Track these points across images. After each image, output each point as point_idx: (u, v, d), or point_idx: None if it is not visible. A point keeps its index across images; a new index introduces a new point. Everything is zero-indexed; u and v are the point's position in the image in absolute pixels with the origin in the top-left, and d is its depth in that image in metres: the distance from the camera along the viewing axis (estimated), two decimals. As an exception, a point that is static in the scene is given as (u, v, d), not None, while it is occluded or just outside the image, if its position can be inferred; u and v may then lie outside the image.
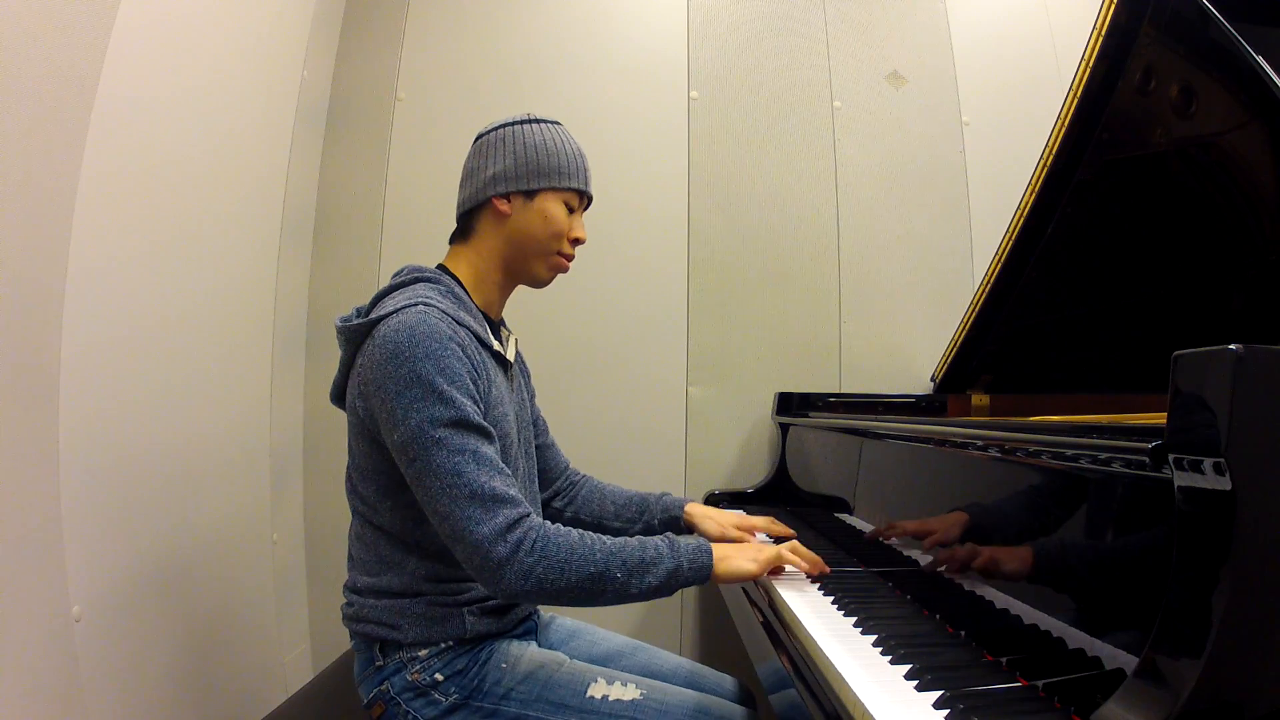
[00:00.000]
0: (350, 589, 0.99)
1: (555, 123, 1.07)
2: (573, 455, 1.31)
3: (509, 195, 1.02)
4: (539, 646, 1.05)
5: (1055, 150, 1.23)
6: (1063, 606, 0.71)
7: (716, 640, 1.95)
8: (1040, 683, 0.67)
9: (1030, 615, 0.74)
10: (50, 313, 1.01)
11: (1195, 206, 1.17)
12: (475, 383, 0.92)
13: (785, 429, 1.84)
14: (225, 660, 1.44)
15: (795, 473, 1.77)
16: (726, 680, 1.13)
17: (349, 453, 0.99)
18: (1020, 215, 1.34)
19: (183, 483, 1.31)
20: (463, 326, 0.94)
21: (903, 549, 1.08)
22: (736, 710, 1.02)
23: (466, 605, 0.97)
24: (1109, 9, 1.10)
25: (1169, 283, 1.26)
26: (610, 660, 1.10)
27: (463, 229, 1.07)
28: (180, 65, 1.28)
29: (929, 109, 2.10)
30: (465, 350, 0.91)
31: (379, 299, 0.97)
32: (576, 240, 1.06)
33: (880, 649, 0.78)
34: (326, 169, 1.95)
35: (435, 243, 1.13)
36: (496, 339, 1.04)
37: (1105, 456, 0.66)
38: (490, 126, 1.05)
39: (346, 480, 1.01)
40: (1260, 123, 1.01)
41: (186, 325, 1.33)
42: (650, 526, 1.22)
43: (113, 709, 1.10)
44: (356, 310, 0.98)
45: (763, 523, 1.25)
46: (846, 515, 1.34)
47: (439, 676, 0.94)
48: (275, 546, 1.69)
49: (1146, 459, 0.58)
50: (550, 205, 1.03)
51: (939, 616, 0.90)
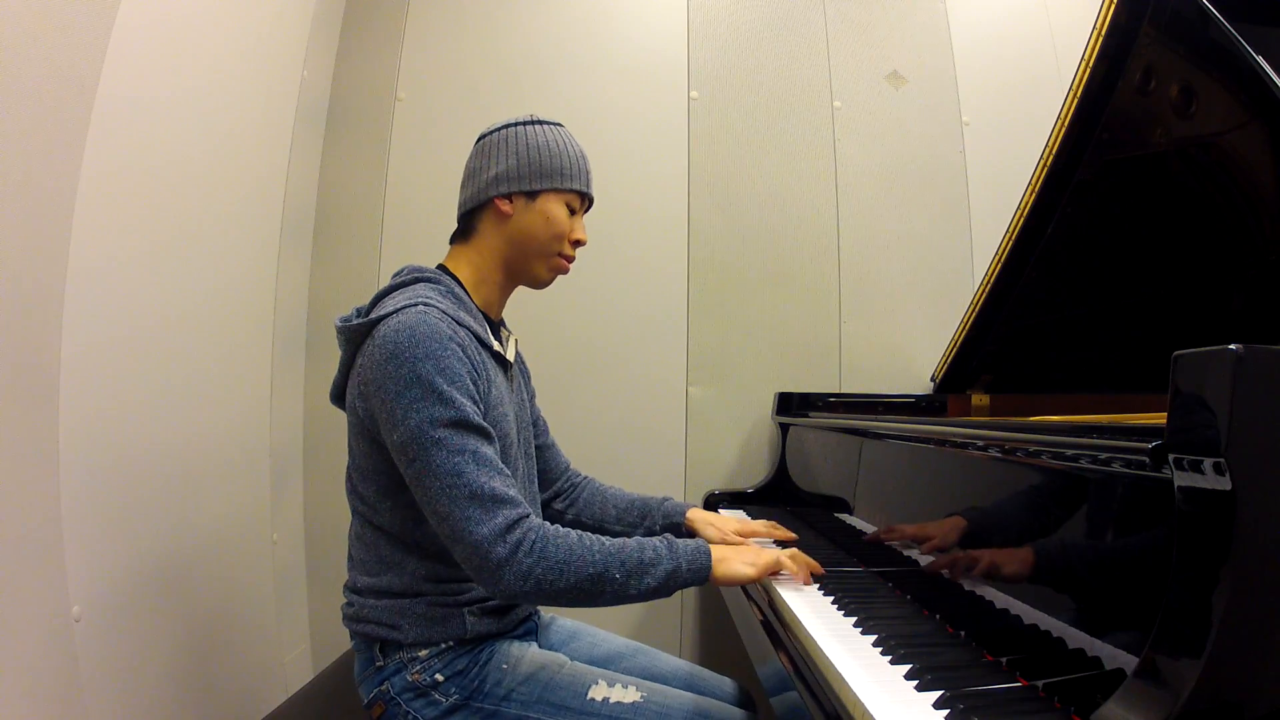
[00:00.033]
0: (350, 589, 0.99)
1: (558, 124, 1.07)
2: (573, 455, 1.31)
3: (511, 196, 1.02)
4: (539, 647, 1.05)
5: (1055, 150, 1.23)
6: (1063, 606, 0.71)
7: (716, 641, 1.95)
8: (1040, 683, 0.67)
9: (1030, 615, 0.74)
10: (50, 313, 1.01)
11: (1195, 207, 1.17)
12: (475, 383, 0.92)
13: (785, 429, 1.84)
14: (225, 660, 1.44)
15: (795, 473, 1.77)
16: (726, 683, 1.13)
17: (349, 453, 0.99)
18: (1020, 215, 1.34)
19: (183, 483, 1.31)
20: (463, 327, 0.94)
21: (903, 549, 1.08)
22: (736, 713, 1.02)
23: (467, 605, 0.97)
24: (1109, 9, 1.10)
25: (1169, 283, 1.26)
26: (611, 662, 1.10)
27: (464, 229, 1.07)
28: (180, 65, 1.28)
29: (929, 109, 2.10)
30: (465, 350, 0.91)
31: (379, 299, 0.97)
32: (577, 242, 1.07)
33: (880, 649, 0.78)
34: (326, 169, 1.95)
35: (435, 243, 1.13)
36: (496, 339, 1.04)
37: (1105, 456, 0.66)
38: (493, 127, 1.05)
39: (346, 480, 1.01)
40: (1260, 123, 1.01)
41: (186, 325, 1.33)
42: (652, 531, 1.21)
43: (113, 709, 1.10)
44: (356, 310, 0.98)
45: (764, 527, 1.25)
46: (846, 515, 1.34)
47: (439, 677, 0.94)
48: (275, 546, 1.69)
49: (1146, 459, 0.58)
50: (552, 206, 1.03)
51: (939, 616, 0.90)
